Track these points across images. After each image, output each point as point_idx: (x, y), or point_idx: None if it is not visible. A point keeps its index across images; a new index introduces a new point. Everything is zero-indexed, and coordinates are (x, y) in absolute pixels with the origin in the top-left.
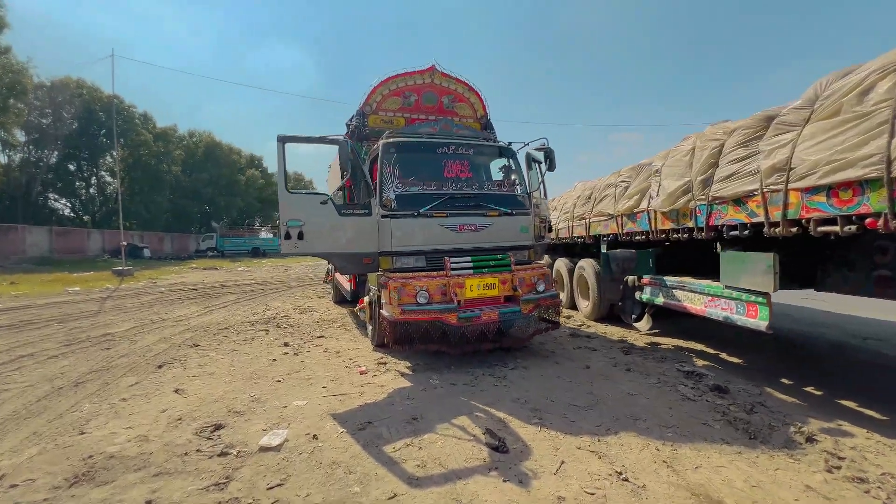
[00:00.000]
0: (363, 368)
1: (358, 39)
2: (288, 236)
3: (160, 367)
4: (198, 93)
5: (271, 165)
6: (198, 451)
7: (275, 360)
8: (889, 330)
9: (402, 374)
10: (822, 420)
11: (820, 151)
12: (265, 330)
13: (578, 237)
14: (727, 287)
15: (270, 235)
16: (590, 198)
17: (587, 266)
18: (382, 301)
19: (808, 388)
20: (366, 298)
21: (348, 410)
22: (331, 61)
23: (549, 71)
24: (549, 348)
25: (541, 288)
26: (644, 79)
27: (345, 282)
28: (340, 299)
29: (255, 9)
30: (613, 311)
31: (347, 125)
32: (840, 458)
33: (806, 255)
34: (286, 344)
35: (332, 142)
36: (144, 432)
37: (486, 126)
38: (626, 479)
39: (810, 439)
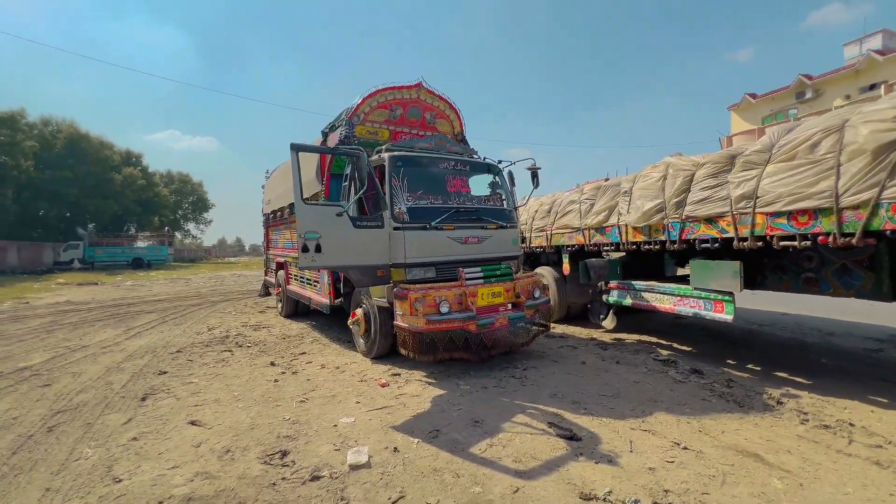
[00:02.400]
0: (383, 381)
1: (239, 25)
2: (306, 249)
3: (144, 399)
4: (43, 71)
5: (153, 163)
6: (283, 479)
7: (276, 380)
8: (778, 318)
9: (428, 384)
10: (774, 387)
11: (782, 186)
12: (228, 351)
13: (537, 247)
14: (696, 288)
15: (151, 243)
16: (549, 212)
17: (546, 273)
18: (398, 312)
19: (750, 366)
20: (359, 311)
21: (406, 421)
22: (212, 45)
23: (431, 76)
24: (538, 350)
25: (537, 294)
26: (525, 98)
27: (318, 295)
28: (291, 312)
29: None
30: (569, 312)
31: (324, 133)
32: (805, 413)
33: (751, 263)
34: (273, 364)
35: (349, 153)
36: (200, 469)
37: (463, 142)
38: (686, 448)
39: (779, 402)
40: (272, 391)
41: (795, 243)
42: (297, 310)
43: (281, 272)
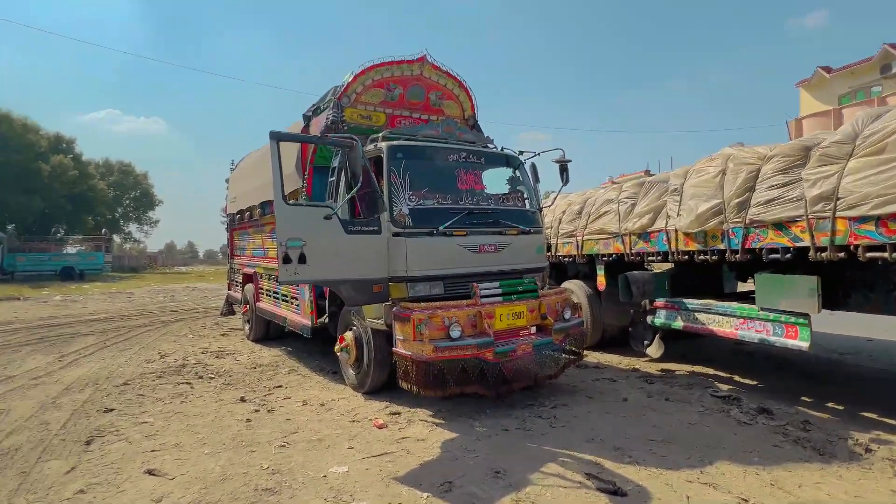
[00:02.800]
0: (380, 421)
1: None
2: (287, 260)
3: (89, 443)
4: None
5: (88, 149)
6: None
7: (248, 420)
8: (863, 346)
9: (436, 424)
10: (862, 431)
11: (868, 185)
12: (187, 383)
13: (566, 256)
14: (763, 308)
15: (85, 249)
16: (581, 213)
17: (577, 289)
18: (398, 337)
19: (830, 404)
20: (348, 335)
21: (410, 471)
22: (159, 12)
23: (455, 55)
24: (568, 383)
25: (567, 315)
26: (547, 80)
27: (297, 314)
28: (261, 336)
29: None
30: (605, 337)
31: (307, 117)
32: None
33: (831, 278)
34: (243, 399)
35: (340, 143)
36: None
37: (475, 128)
38: None
39: (868, 449)
40: (245, 433)
41: (886, 255)
42: (269, 332)
43: (249, 286)
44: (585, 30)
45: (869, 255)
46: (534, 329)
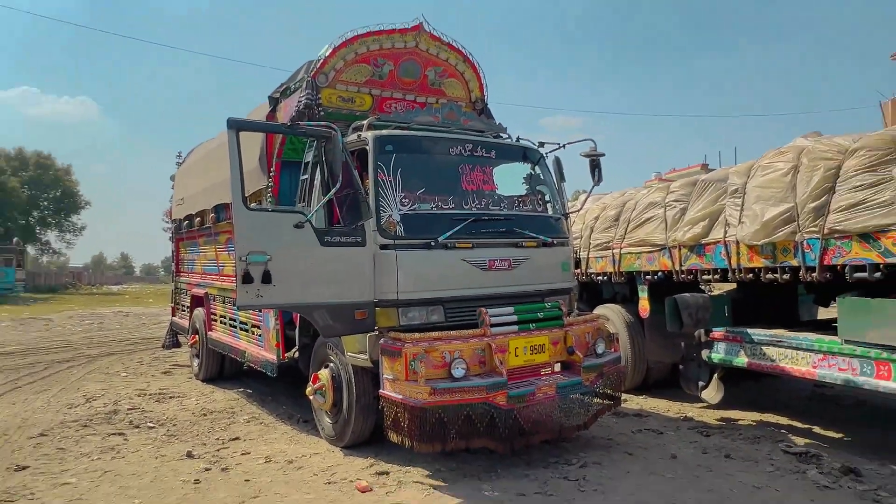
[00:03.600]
0: (363, 483)
1: None
2: (248, 279)
3: None
4: None
5: None
6: None
7: (197, 482)
8: None
9: (433, 487)
10: None
11: None
12: (120, 434)
13: (599, 274)
14: (848, 341)
15: None
16: (618, 220)
17: (614, 315)
18: (387, 376)
19: None
20: (324, 373)
21: None
22: None
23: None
24: (602, 435)
25: (600, 349)
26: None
27: (259, 347)
28: (215, 374)
29: None
30: (649, 376)
31: (274, 99)
32: None
33: None
34: (190, 455)
35: (314, 133)
36: None
37: (484, 113)
38: None
39: None
40: (192, 498)
41: None
42: (224, 370)
43: (199, 311)
44: None
45: None
46: (558, 366)
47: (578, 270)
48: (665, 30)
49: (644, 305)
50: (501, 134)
